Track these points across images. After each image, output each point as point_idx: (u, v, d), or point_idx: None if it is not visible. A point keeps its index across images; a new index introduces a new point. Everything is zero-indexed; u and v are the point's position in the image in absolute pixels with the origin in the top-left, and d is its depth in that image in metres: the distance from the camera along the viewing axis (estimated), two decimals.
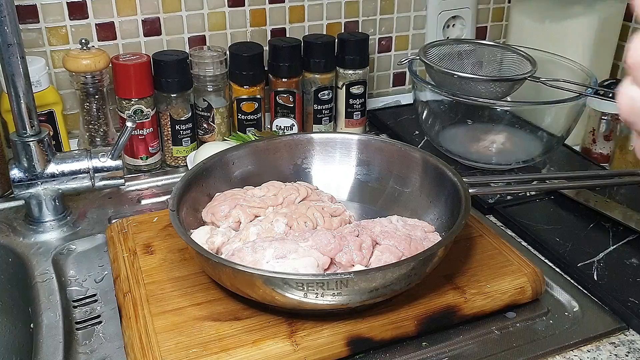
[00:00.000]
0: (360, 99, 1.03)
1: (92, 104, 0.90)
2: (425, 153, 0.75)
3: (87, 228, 0.80)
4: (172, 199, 0.66)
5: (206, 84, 0.93)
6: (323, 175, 0.79)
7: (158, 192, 0.90)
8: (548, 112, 0.92)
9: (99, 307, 0.68)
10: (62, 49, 0.94)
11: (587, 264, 0.72)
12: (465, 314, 0.63)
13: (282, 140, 0.79)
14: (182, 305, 0.62)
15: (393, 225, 0.66)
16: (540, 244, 0.76)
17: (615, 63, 1.10)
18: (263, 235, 0.65)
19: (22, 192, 0.76)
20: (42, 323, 0.64)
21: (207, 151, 0.84)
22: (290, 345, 0.57)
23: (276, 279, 0.54)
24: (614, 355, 0.61)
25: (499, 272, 0.66)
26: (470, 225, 0.74)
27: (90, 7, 0.94)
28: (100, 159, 0.78)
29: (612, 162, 0.96)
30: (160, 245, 0.71)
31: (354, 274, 0.55)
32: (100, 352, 0.62)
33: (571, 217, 0.82)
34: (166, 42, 1.00)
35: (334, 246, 0.60)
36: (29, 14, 0.91)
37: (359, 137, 0.80)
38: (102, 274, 0.73)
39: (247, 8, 1.03)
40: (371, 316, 0.60)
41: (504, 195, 0.86)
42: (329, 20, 1.09)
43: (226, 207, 0.69)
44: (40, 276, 0.71)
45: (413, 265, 0.57)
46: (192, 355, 0.56)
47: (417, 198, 0.74)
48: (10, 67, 0.70)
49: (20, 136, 0.74)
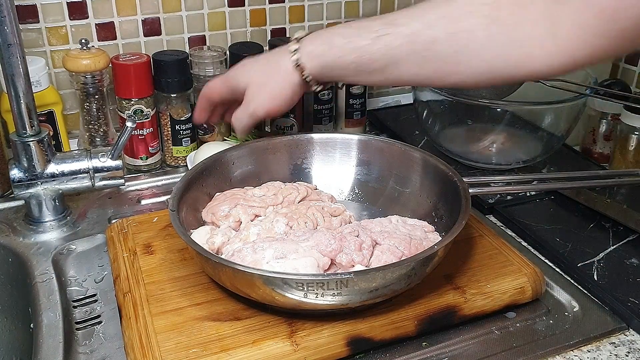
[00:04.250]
0: (360, 99, 1.03)
1: (92, 104, 0.90)
2: (425, 153, 0.75)
3: (87, 228, 0.80)
4: (172, 199, 0.66)
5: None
6: (323, 175, 0.79)
7: (158, 192, 0.90)
8: (548, 112, 0.92)
9: (99, 307, 0.68)
10: (62, 49, 0.94)
11: (588, 264, 0.72)
12: (465, 314, 0.63)
13: (282, 140, 0.79)
14: (182, 305, 0.62)
15: (393, 225, 0.66)
16: (540, 244, 0.76)
17: (615, 63, 1.10)
18: (263, 235, 0.65)
19: (22, 192, 0.76)
20: (42, 323, 0.64)
21: (207, 151, 0.84)
22: (290, 345, 0.57)
23: (276, 279, 0.54)
24: (614, 355, 0.61)
25: (499, 272, 0.66)
26: (470, 225, 0.74)
27: (90, 7, 0.94)
28: (100, 159, 0.78)
29: (612, 162, 0.96)
30: (160, 245, 0.71)
31: (354, 274, 0.55)
32: (100, 352, 0.62)
33: (571, 217, 0.82)
34: (166, 42, 1.00)
35: (335, 247, 0.60)
36: (29, 14, 0.91)
37: (359, 137, 0.80)
38: (102, 274, 0.73)
39: (247, 8, 1.03)
40: (371, 316, 0.60)
41: (504, 195, 0.86)
42: (329, 20, 1.09)
43: (226, 207, 0.69)
44: (40, 276, 0.71)
45: (413, 265, 0.57)
46: (192, 355, 0.56)
47: (417, 198, 0.74)
48: (10, 67, 0.70)
49: (20, 136, 0.74)
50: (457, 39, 0.62)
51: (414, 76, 0.67)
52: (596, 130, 1.00)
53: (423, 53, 0.63)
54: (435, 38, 0.63)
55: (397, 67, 0.65)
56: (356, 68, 0.68)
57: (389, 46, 0.65)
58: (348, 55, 0.67)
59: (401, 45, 0.64)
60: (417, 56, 0.64)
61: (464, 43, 0.61)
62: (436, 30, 0.63)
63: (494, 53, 0.60)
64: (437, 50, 0.63)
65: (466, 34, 0.61)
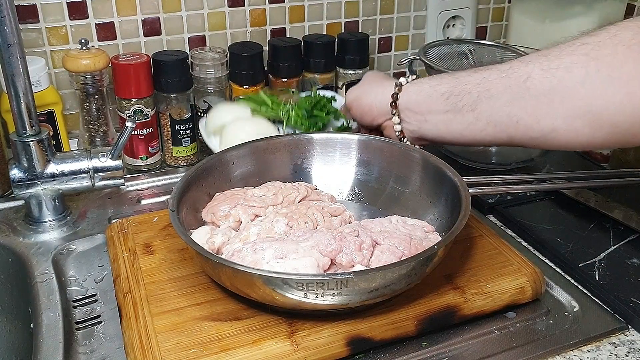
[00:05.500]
0: None
1: (92, 104, 0.90)
2: (425, 153, 0.75)
3: (87, 228, 0.80)
4: (172, 199, 0.66)
5: (207, 86, 0.93)
6: (323, 175, 0.79)
7: (158, 192, 0.90)
8: None
9: (99, 307, 0.68)
10: (62, 49, 0.94)
11: (589, 264, 0.72)
12: (465, 314, 0.63)
13: (282, 140, 0.79)
14: (182, 305, 0.62)
15: (393, 225, 0.66)
16: (541, 244, 0.76)
17: None
18: (263, 235, 0.64)
19: (22, 192, 0.76)
20: (42, 323, 0.64)
21: (220, 113, 0.85)
22: (290, 345, 0.57)
23: (276, 279, 0.54)
24: (614, 355, 0.61)
25: (499, 272, 0.66)
26: (470, 225, 0.73)
27: (90, 7, 0.94)
28: (100, 159, 0.78)
29: (612, 162, 0.96)
30: (160, 245, 0.71)
31: (354, 274, 0.55)
32: (100, 352, 0.62)
33: (571, 217, 0.82)
34: (166, 42, 1.00)
35: (335, 247, 0.60)
36: (29, 14, 0.91)
37: (359, 137, 0.79)
38: (102, 274, 0.73)
39: (247, 8, 1.03)
40: (371, 316, 0.60)
41: (504, 195, 0.86)
42: (329, 20, 1.09)
43: (226, 207, 0.69)
44: (40, 276, 0.71)
45: (413, 265, 0.57)
46: (192, 355, 0.56)
47: (417, 198, 0.74)
48: (10, 67, 0.70)
49: (20, 136, 0.74)
50: (552, 75, 0.59)
51: (506, 117, 0.64)
52: None
53: (516, 89, 0.62)
54: (530, 74, 0.61)
55: (490, 103, 0.64)
56: (446, 102, 0.67)
57: (486, 78, 0.64)
58: (441, 85, 0.68)
59: (497, 80, 0.63)
60: (511, 92, 0.62)
61: (559, 80, 0.59)
62: (531, 66, 0.61)
63: (592, 92, 0.57)
64: (530, 87, 0.61)
65: (562, 71, 0.59)
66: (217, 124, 0.84)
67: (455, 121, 0.69)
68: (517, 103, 0.62)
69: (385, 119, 0.77)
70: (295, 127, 0.85)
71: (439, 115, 0.70)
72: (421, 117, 0.72)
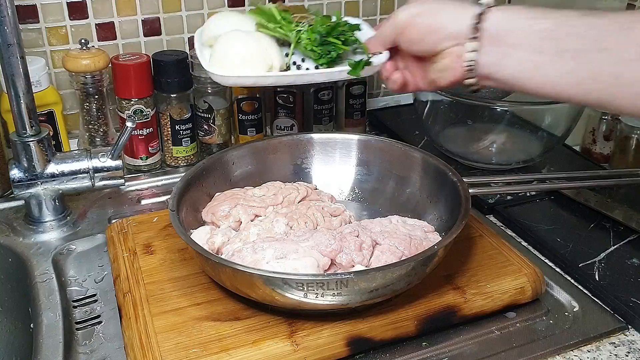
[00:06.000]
0: (360, 99, 1.03)
1: (92, 104, 0.90)
2: (425, 153, 0.75)
3: (87, 228, 0.80)
4: (172, 199, 0.66)
5: (207, 86, 0.93)
6: (323, 175, 0.79)
7: (158, 192, 0.90)
8: (548, 112, 0.92)
9: (99, 307, 0.68)
10: (62, 49, 0.94)
11: (589, 264, 0.72)
12: (465, 314, 0.63)
13: (282, 140, 0.79)
14: (182, 305, 0.62)
15: (393, 225, 0.66)
16: (541, 244, 0.76)
17: None
18: (263, 235, 0.65)
19: (22, 192, 0.76)
20: (42, 323, 0.64)
21: (220, 21, 0.75)
22: (290, 345, 0.57)
23: (276, 279, 0.54)
24: (614, 355, 0.61)
25: (499, 272, 0.66)
26: (470, 225, 0.74)
27: (90, 7, 0.94)
28: (100, 159, 0.78)
29: (612, 162, 0.96)
30: (160, 245, 0.71)
31: (354, 274, 0.55)
32: (100, 352, 0.62)
33: (571, 217, 0.82)
34: (166, 42, 1.00)
35: (335, 247, 0.60)
36: (29, 14, 0.91)
37: (359, 137, 0.80)
38: (102, 274, 0.73)
39: (247, 8, 1.03)
40: (371, 316, 0.60)
41: (504, 195, 0.86)
42: None
43: (226, 207, 0.69)
44: (40, 276, 0.71)
45: (413, 265, 0.57)
46: (192, 355, 0.56)
47: (417, 198, 0.74)
48: (10, 67, 0.70)
49: (20, 136, 0.74)
50: None
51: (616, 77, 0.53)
52: (596, 130, 1.00)
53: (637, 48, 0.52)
54: None
55: (601, 57, 0.53)
56: (543, 41, 0.56)
57: (600, 25, 0.54)
58: (540, 20, 0.57)
59: (616, 32, 0.53)
60: (634, 51, 0.52)
61: None
62: None
63: None
64: None
65: None
66: (214, 33, 0.73)
67: (547, 65, 0.57)
68: (636, 64, 0.52)
69: (453, 44, 0.61)
70: (304, 54, 0.71)
71: (529, 54, 0.58)
72: (506, 49, 0.59)
